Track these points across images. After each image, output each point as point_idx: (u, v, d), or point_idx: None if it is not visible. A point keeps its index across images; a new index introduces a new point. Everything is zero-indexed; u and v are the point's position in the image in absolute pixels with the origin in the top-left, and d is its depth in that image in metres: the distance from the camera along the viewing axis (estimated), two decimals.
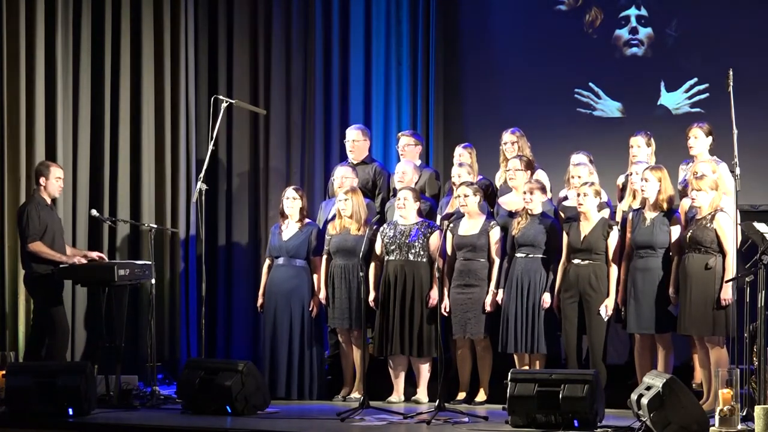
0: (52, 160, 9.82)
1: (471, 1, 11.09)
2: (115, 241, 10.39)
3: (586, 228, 8.49)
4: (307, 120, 10.98)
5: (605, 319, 8.38)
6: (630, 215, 8.50)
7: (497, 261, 8.79)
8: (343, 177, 9.56)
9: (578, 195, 8.54)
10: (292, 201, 9.36)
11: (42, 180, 9.13)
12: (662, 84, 10.49)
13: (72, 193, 9.98)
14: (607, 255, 8.44)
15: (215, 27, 11.05)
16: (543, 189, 8.79)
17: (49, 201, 9.18)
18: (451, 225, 8.80)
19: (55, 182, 9.14)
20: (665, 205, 8.34)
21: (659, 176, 8.34)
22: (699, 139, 8.66)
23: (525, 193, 8.71)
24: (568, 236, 8.52)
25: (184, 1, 10.76)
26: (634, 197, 8.68)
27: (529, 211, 8.69)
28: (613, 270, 8.43)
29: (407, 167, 9.49)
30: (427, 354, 8.87)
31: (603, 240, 8.43)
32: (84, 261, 9.13)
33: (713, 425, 7.02)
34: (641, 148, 8.94)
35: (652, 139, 9.01)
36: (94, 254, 9.30)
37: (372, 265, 9.11)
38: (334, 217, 9.35)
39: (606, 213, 8.66)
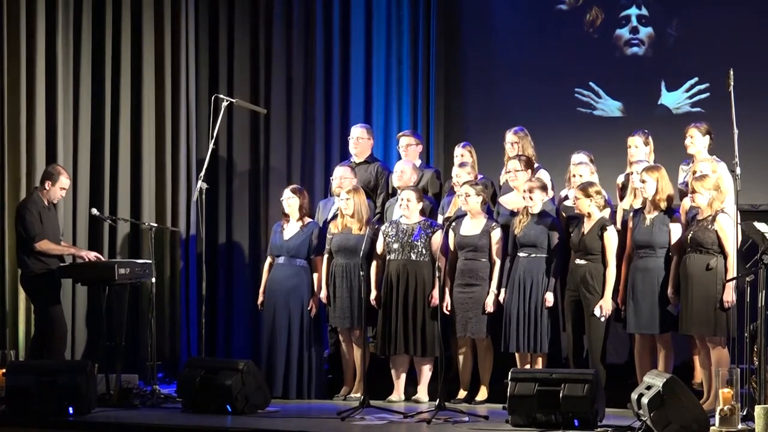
0: (53, 160, 9.84)
1: (472, 0, 11.09)
2: (115, 240, 10.40)
3: (586, 228, 8.50)
4: (307, 119, 10.99)
5: (601, 320, 8.37)
6: (631, 215, 8.50)
7: (498, 262, 8.79)
8: (342, 177, 9.57)
9: (574, 198, 8.58)
10: (288, 200, 9.37)
11: (47, 184, 9.16)
12: (663, 83, 10.49)
13: (72, 192, 9.97)
14: (603, 255, 8.44)
15: (216, 26, 11.06)
16: (543, 188, 8.79)
17: (46, 203, 9.18)
18: (453, 224, 8.80)
19: (58, 190, 9.19)
20: (663, 205, 8.33)
21: (656, 176, 8.33)
22: (696, 139, 8.68)
23: (525, 192, 8.71)
24: (572, 236, 8.54)
25: (185, 0, 10.77)
26: (635, 196, 8.68)
27: (530, 209, 8.68)
28: (610, 270, 8.41)
29: (406, 167, 9.50)
30: (431, 354, 8.87)
31: (598, 240, 8.43)
32: (86, 257, 9.16)
33: (713, 425, 7.02)
34: (639, 148, 8.95)
35: (650, 138, 9.02)
36: (92, 255, 9.29)
37: (374, 264, 9.11)
38: (335, 217, 9.37)
39: (607, 212, 8.67)
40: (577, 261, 8.49)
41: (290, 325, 9.26)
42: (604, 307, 8.36)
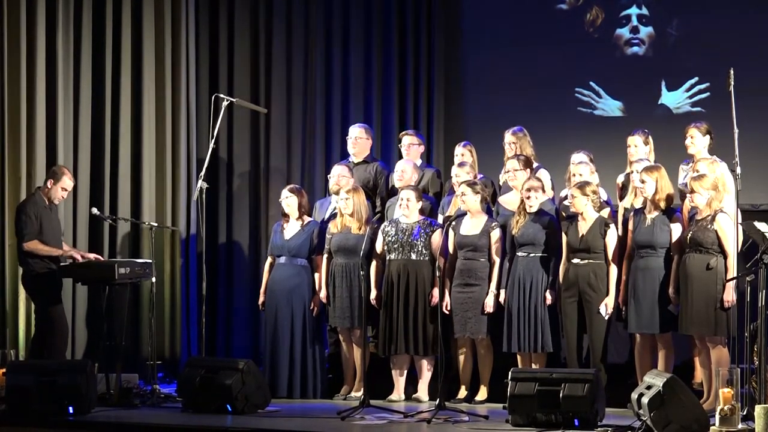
0: (53, 159, 9.84)
1: (472, 0, 11.09)
2: (115, 240, 10.39)
3: (583, 227, 8.49)
4: (307, 119, 10.99)
5: (605, 318, 8.38)
6: (631, 215, 8.50)
7: (497, 261, 8.79)
8: (339, 176, 9.58)
9: (570, 196, 8.57)
10: (286, 200, 9.37)
11: (50, 182, 9.16)
12: (663, 83, 10.50)
13: (72, 192, 9.95)
14: (606, 254, 8.44)
15: (216, 25, 11.06)
16: (543, 188, 8.78)
17: (47, 203, 9.18)
18: (453, 223, 8.80)
19: (60, 191, 9.17)
20: (663, 204, 8.33)
21: (656, 176, 8.32)
22: (696, 139, 8.68)
23: (526, 191, 8.69)
24: (567, 236, 8.53)
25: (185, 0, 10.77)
26: (636, 195, 8.67)
27: (529, 208, 8.67)
28: (613, 269, 8.42)
29: (407, 166, 9.50)
30: (431, 353, 8.87)
31: (600, 239, 8.43)
32: (81, 258, 9.15)
33: (713, 424, 7.02)
34: (638, 147, 8.95)
35: (650, 138, 9.01)
36: (91, 255, 9.29)
37: (373, 264, 9.11)
38: (334, 216, 9.37)
39: (606, 212, 8.66)
40: (576, 261, 8.47)
41: (293, 325, 9.25)
42: (609, 304, 8.36)
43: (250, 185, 11.00)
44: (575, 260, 8.49)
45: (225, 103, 9.62)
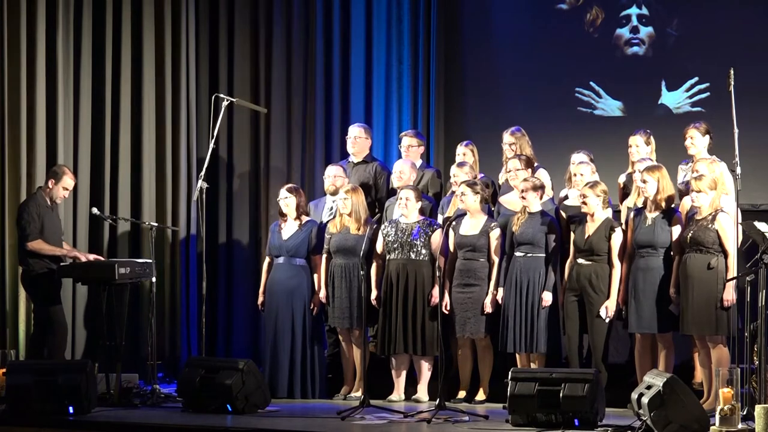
0: (53, 160, 9.84)
1: (472, 0, 11.10)
2: (115, 240, 10.40)
3: (590, 228, 8.48)
4: (307, 119, 10.99)
5: (606, 321, 8.37)
6: (631, 215, 8.50)
7: (497, 261, 8.79)
8: (335, 176, 9.59)
9: (581, 196, 8.55)
10: (284, 200, 9.37)
11: (51, 182, 9.18)
12: (663, 83, 10.49)
13: (73, 192, 9.95)
14: (610, 255, 8.43)
15: (216, 25, 11.06)
16: (537, 188, 8.72)
17: (49, 203, 9.19)
18: (453, 223, 8.80)
19: (61, 190, 9.19)
20: (664, 204, 8.33)
21: (657, 176, 8.33)
22: (696, 139, 8.69)
23: (522, 191, 8.69)
24: (575, 235, 8.52)
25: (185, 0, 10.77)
26: (639, 195, 8.66)
27: (528, 209, 8.67)
28: (616, 271, 8.41)
29: (405, 166, 9.49)
30: (430, 353, 8.87)
31: (605, 241, 8.42)
32: (84, 258, 9.16)
33: (714, 424, 7.02)
34: (640, 147, 8.96)
35: (651, 138, 9.02)
36: (92, 256, 9.29)
37: (374, 264, 9.11)
38: (333, 216, 9.37)
39: (609, 212, 8.65)
40: (581, 261, 8.48)
41: (293, 325, 9.24)
42: (610, 307, 8.36)
43: (250, 185, 11.00)
44: (580, 260, 8.49)
45: (225, 103, 9.62)
